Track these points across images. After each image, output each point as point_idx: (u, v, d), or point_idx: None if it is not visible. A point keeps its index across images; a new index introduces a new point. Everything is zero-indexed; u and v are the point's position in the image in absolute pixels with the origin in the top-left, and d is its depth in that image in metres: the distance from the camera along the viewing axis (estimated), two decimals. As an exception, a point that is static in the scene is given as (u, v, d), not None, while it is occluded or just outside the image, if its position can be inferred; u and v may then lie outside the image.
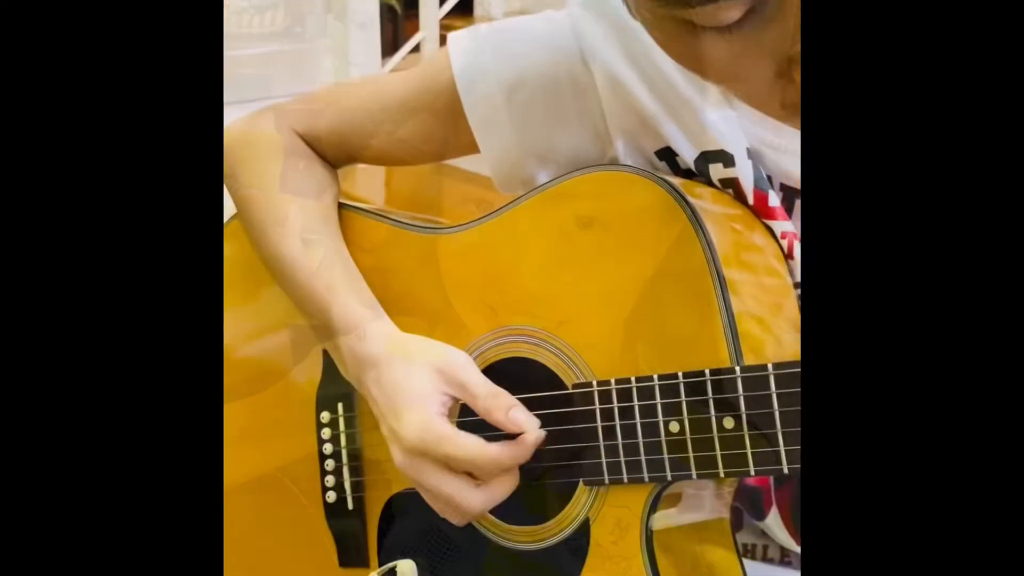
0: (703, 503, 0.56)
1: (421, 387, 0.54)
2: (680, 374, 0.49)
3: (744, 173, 0.55)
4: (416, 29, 2.63)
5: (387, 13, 3.69)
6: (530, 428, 0.53)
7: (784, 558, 0.65)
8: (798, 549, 0.63)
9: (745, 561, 0.61)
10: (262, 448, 0.69)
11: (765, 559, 0.66)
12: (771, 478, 0.61)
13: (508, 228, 0.58)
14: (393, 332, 0.57)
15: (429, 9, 2.49)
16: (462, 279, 0.60)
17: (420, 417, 0.53)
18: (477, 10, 2.86)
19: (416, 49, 2.77)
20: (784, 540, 0.63)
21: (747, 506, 0.63)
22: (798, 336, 0.55)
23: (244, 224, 0.66)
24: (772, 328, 0.54)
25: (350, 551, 0.64)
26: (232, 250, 0.70)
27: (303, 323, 0.64)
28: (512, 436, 0.54)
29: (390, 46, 3.71)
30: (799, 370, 0.46)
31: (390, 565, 0.60)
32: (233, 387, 0.71)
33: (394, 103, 0.65)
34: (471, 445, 0.52)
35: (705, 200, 0.55)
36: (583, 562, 0.53)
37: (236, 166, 0.67)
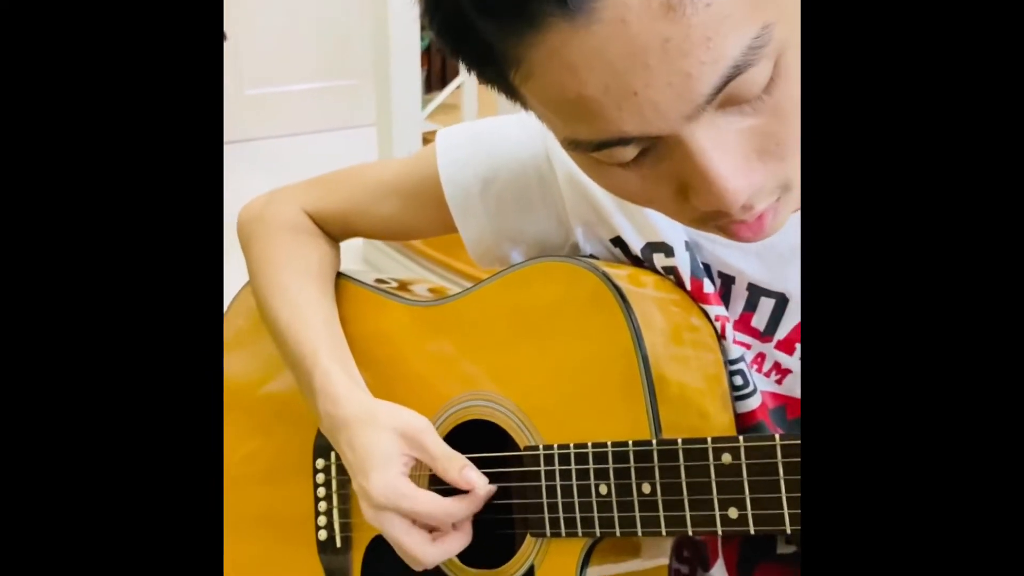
0: (641, 552, 0.62)
1: (386, 449, 0.61)
2: (609, 443, 0.57)
3: (682, 263, 0.63)
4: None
5: (436, 48, 3.80)
6: (479, 486, 0.61)
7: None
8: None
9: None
10: (268, 488, 0.77)
11: None
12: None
13: (476, 306, 0.67)
14: (364, 399, 0.65)
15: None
16: (438, 348, 0.68)
17: (385, 476, 0.60)
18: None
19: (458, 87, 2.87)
20: (729, 590, 0.69)
21: (695, 558, 0.69)
22: (727, 409, 0.62)
23: (253, 290, 0.75)
24: (705, 401, 0.61)
25: (338, 584, 0.72)
26: (251, 305, 0.80)
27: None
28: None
29: (438, 78, 3.83)
30: (705, 445, 0.53)
31: (370, 598, 0.68)
32: (249, 428, 0.80)
33: (390, 188, 0.74)
34: (428, 500, 0.60)
35: (648, 287, 0.62)
36: (528, 605, 0.61)
37: (250, 239, 0.77)
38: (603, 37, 0.37)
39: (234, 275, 0.84)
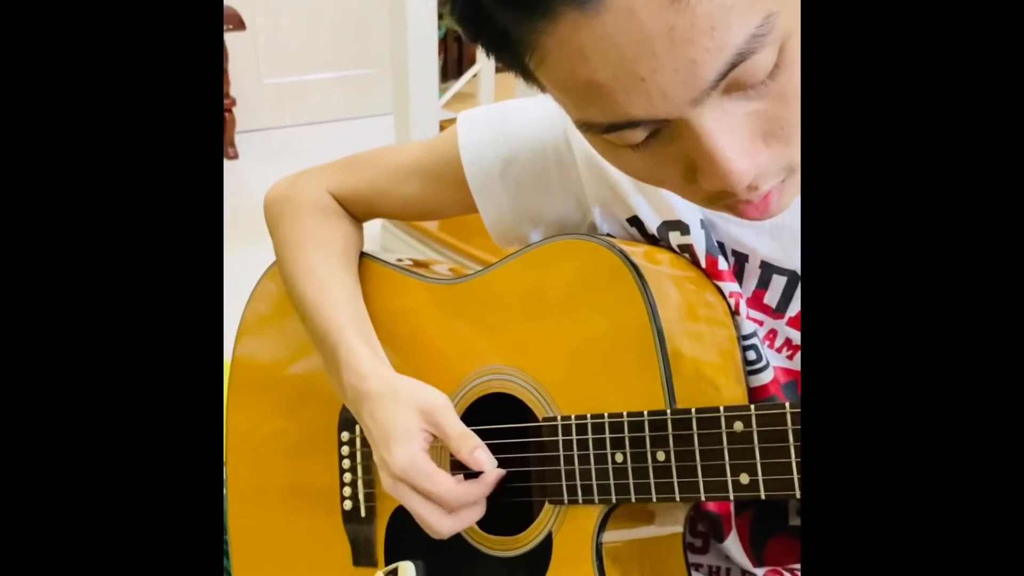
0: (655, 519, 0.65)
1: (406, 424, 0.63)
2: (625, 413, 0.59)
3: (698, 241, 0.65)
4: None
5: (453, 36, 3.83)
6: (489, 467, 0.63)
7: (743, 581, 0.74)
8: (755, 570, 0.72)
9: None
10: (294, 461, 0.80)
11: None
12: (731, 504, 0.70)
13: (496, 284, 0.69)
14: (387, 373, 0.67)
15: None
16: (459, 324, 0.71)
17: (406, 450, 0.62)
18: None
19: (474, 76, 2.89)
20: (742, 561, 0.71)
21: (710, 529, 0.72)
22: (740, 382, 0.64)
23: (280, 269, 0.77)
24: (718, 374, 0.63)
25: (362, 552, 0.74)
26: (273, 290, 0.82)
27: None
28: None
29: (455, 67, 3.85)
30: (717, 414, 0.55)
31: (392, 566, 0.70)
32: (275, 406, 0.83)
33: (412, 170, 0.76)
34: (442, 481, 0.62)
35: (664, 264, 0.64)
36: (546, 570, 0.63)
37: (277, 220, 0.79)
38: (612, 25, 0.39)
39: (240, 266, 0.86)
